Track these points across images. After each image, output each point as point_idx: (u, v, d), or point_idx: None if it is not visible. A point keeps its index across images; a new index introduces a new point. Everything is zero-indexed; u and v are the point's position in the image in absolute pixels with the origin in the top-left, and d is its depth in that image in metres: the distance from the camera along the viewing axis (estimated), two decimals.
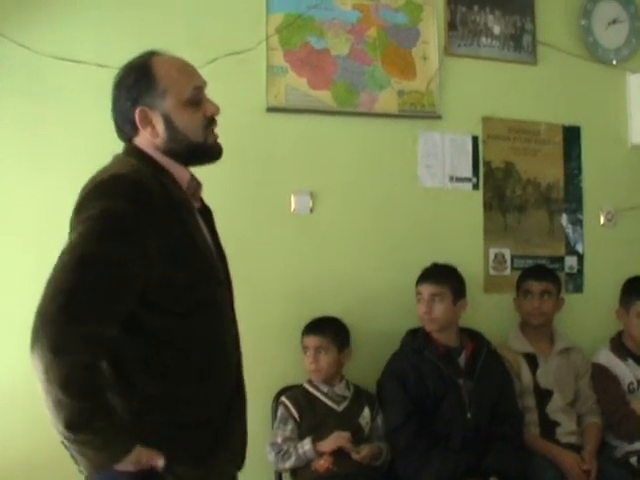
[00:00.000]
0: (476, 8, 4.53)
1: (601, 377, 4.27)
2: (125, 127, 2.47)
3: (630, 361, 4.29)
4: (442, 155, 4.38)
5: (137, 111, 2.40)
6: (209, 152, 2.53)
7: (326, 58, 4.16)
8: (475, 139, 4.48)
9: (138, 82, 2.42)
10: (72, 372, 2.04)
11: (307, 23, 4.14)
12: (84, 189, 2.28)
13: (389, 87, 4.27)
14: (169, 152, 2.44)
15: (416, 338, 3.92)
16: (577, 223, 4.70)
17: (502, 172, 4.53)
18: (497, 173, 4.52)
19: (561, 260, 4.65)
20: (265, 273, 3.98)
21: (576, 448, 4.02)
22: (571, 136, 4.72)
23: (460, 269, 4.01)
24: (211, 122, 2.51)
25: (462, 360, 3.90)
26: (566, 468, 3.88)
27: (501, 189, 4.52)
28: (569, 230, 4.67)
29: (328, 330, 3.85)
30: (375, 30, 4.27)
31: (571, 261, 4.67)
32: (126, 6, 3.88)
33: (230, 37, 3.97)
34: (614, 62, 4.84)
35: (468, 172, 4.45)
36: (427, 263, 4.00)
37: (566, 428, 4.10)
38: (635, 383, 4.25)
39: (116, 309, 2.16)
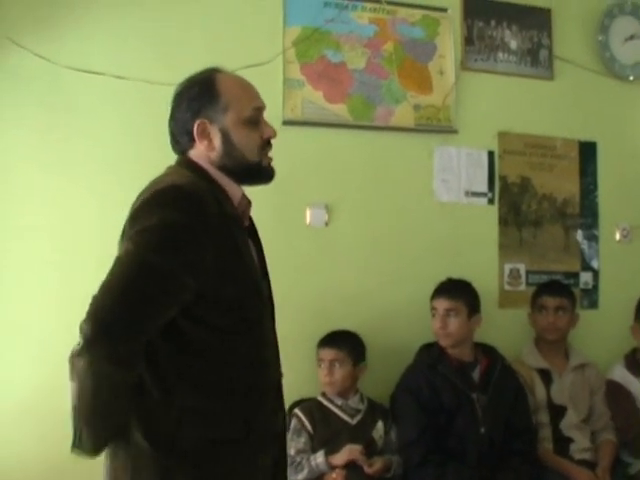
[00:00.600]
0: (493, 23, 4.54)
1: (615, 394, 4.26)
2: (182, 138, 2.48)
3: None
4: (458, 169, 4.38)
5: (197, 123, 2.42)
6: (262, 173, 2.53)
7: (342, 72, 4.17)
8: (491, 154, 4.48)
9: (201, 95, 2.44)
10: (100, 364, 2.09)
11: (324, 36, 4.15)
12: (141, 197, 2.29)
13: (405, 101, 4.27)
14: (223, 168, 2.45)
15: (430, 353, 3.92)
16: (592, 239, 4.69)
17: (518, 187, 4.53)
18: (513, 188, 4.52)
19: (576, 276, 4.64)
20: (280, 286, 3.92)
21: (590, 465, 4.00)
22: (587, 151, 4.71)
23: (475, 284, 4.00)
24: (267, 145, 2.51)
25: (476, 375, 3.89)
26: None
27: (517, 204, 4.52)
28: (584, 246, 4.66)
29: (344, 343, 3.85)
30: (392, 44, 4.27)
31: (586, 277, 4.66)
32: (145, 18, 3.91)
33: (247, 50, 3.97)
34: (631, 78, 4.83)
35: (484, 187, 4.45)
36: (442, 277, 4.00)
37: (580, 444, 4.08)
38: None
39: (164, 320, 2.19)
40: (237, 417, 2.31)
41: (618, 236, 4.74)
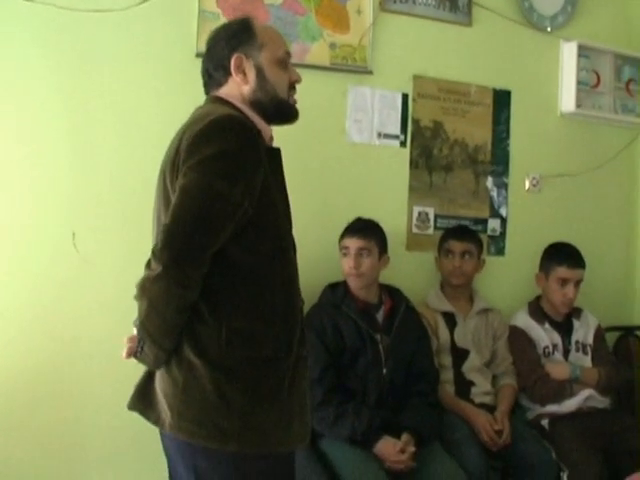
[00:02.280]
0: None
1: (518, 340, 4.33)
2: (217, 73, 2.64)
3: (547, 325, 4.36)
4: (371, 111, 4.36)
5: (234, 57, 2.58)
6: (290, 111, 2.73)
7: (259, 6, 4.09)
8: (405, 96, 4.46)
9: (239, 33, 2.63)
10: (171, 288, 2.28)
11: None
12: (194, 129, 2.39)
13: (321, 39, 4.22)
14: (255, 102, 2.60)
15: (335, 293, 3.93)
16: (502, 186, 4.72)
17: (430, 131, 4.53)
18: (425, 132, 4.51)
19: (484, 222, 4.68)
20: None
21: (490, 408, 4.07)
22: (501, 99, 4.74)
23: (383, 226, 4.01)
24: (292, 87, 2.72)
25: (380, 316, 3.92)
26: (478, 428, 3.93)
27: (428, 148, 4.52)
28: (494, 193, 4.70)
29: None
30: None
31: (494, 224, 4.70)
32: None
33: None
34: (549, 29, 4.85)
35: (396, 129, 4.43)
36: (351, 218, 4.00)
37: (481, 388, 4.16)
38: (551, 347, 4.32)
39: (221, 239, 2.34)
40: (277, 338, 2.47)
41: (527, 185, 4.78)
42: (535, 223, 4.79)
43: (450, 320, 4.22)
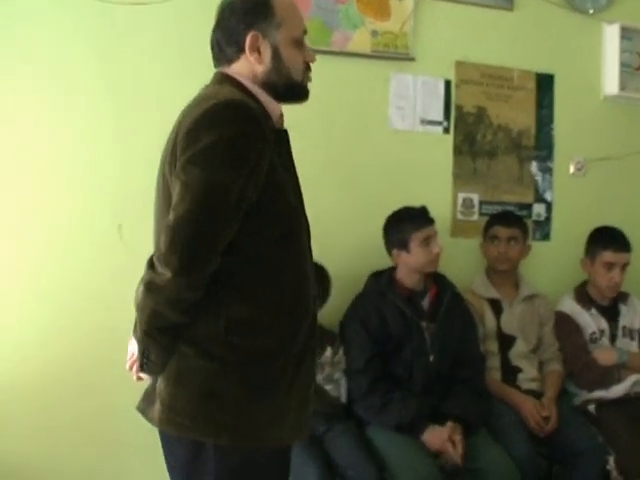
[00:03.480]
0: None
1: (564, 325, 4.31)
2: (228, 49, 2.49)
3: (593, 311, 4.33)
4: (414, 97, 4.35)
5: (250, 35, 2.43)
6: (302, 92, 2.60)
7: None
8: (447, 83, 4.45)
9: (257, 8, 2.45)
10: (181, 293, 2.22)
11: None
12: (192, 115, 2.30)
13: (363, 27, 4.22)
14: (267, 83, 2.48)
15: (380, 280, 3.93)
16: (547, 171, 4.69)
17: (473, 117, 4.51)
18: (468, 118, 4.50)
19: (529, 207, 4.65)
20: None
21: (536, 394, 4.06)
22: (544, 84, 4.70)
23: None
24: (308, 68, 2.58)
25: (426, 303, 3.92)
26: (525, 414, 3.93)
27: (472, 134, 4.50)
28: (538, 178, 4.67)
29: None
30: None
31: (539, 209, 4.67)
32: None
33: None
34: (591, 11, 4.80)
35: (439, 116, 4.43)
36: (394, 205, 3.97)
37: (527, 374, 4.15)
38: (597, 333, 4.29)
39: (230, 234, 2.25)
40: (281, 329, 2.37)
41: (572, 169, 4.75)
42: (580, 207, 4.74)
43: (496, 306, 4.21)
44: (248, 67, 2.46)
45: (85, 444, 3.74)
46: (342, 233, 4.16)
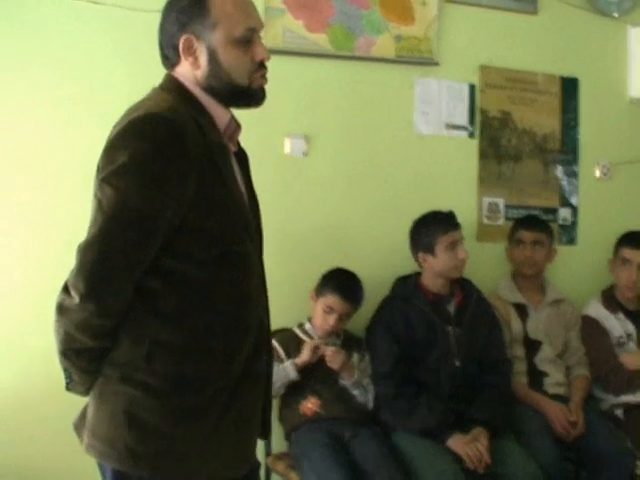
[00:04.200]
0: None
1: (591, 329, 4.29)
2: (168, 52, 2.35)
3: (620, 315, 4.32)
4: (438, 102, 4.35)
5: (183, 38, 2.27)
6: (250, 97, 2.38)
7: (324, 1, 4.10)
8: (472, 87, 4.45)
9: (190, 7, 2.28)
10: (90, 319, 2.08)
11: None
12: (118, 125, 2.17)
13: (386, 32, 4.22)
14: (208, 89, 2.31)
15: (406, 285, 3.93)
16: (572, 175, 4.68)
17: (498, 121, 4.51)
18: (493, 122, 4.50)
19: (555, 211, 4.64)
20: None
21: (563, 399, 4.05)
22: (569, 87, 4.69)
23: None
24: (260, 67, 2.35)
25: (452, 308, 3.91)
26: (552, 419, 3.91)
27: (497, 138, 4.50)
28: (564, 182, 4.66)
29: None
30: None
31: (565, 213, 4.66)
32: None
33: None
34: (615, 14, 4.79)
35: (464, 120, 4.43)
36: (420, 210, 3.97)
37: (554, 379, 4.13)
38: (624, 337, 4.28)
39: (147, 258, 2.12)
40: (212, 354, 2.23)
41: (598, 173, 4.73)
42: (607, 211, 4.73)
43: (522, 311, 4.19)
44: (190, 71, 2.32)
45: None
46: (368, 238, 4.17)
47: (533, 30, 4.60)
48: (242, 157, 2.53)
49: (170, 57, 2.35)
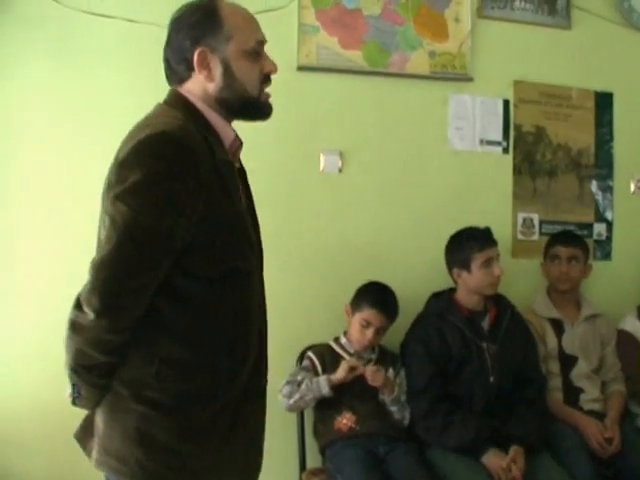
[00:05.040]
0: None
1: (626, 344, 4.26)
2: (179, 67, 2.36)
3: None
4: (473, 118, 4.36)
5: (197, 51, 2.30)
6: (260, 109, 2.44)
7: (358, 18, 4.14)
8: (506, 102, 4.45)
9: (203, 22, 2.33)
10: (103, 335, 2.12)
11: None
12: (128, 143, 2.18)
13: (421, 48, 4.24)
14: (220, 101, 2.35)
15: (440, 301, 3.93)
16: (607, 190, 4.66)
17: (533, 136, 4.50)
18: (527, 137, 4.49)
19: (590, 227, 4.62)
20: (292, 232, 3.99)
21: (599, 415, 4.01)
22: (603, 102, 4.67)
23: None
24: (266, 80, 2.42)
25: (486, 324, 3.90)
26: (588, 435, 3.88)
27: (531, 153, 4.49)
28: (599, 197, 4.64)
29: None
30: None
31: (600, 228, 4.64)
32: None
33: None
34: None
35: (498, 136, 4.42)
36: (456, 226, 3.97)
37: (590, 395, 4.10)
38: None
39: (160, 275, 2.16)
40: (218, 370, 2.28)
41: (633, 188, 4.70)
42: None
43: (557, 326, 4.17)
44: (200, 86, 2.35)
45: None
46: (402, 254, 4.19)
47: (567, 45, 4.59)
48: (242, 173, 2.55)
49: (179, 72, 2.37)
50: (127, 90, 3.77)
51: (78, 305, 2.11)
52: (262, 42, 2.43)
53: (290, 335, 3.87)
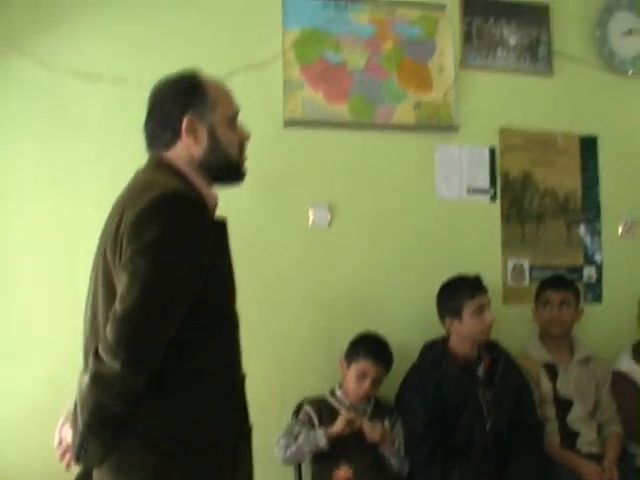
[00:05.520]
0: (492, 20, 4.55)
1: (622, 384, 4.27)
2: (164, 134, 2.51)
3: None
4: (459, 167, 4.40)
5: (187, 118, 2.47)
6: (239, 173, 2.62)
7: (342, 72, 4.19)
8: (492, 150, 4.49)
9: (190, 92, 2.51)
10: (128, 385, 2.21)
11: (323, 37, 4.17)
12: (136, 205, 2.29)
13: (405, 100, 4.29)
14: (204, 165, 2.50)
15: (434, 350, 3.93)
16: (595, 233, 4.69)
17: (520, 183, 4.54)
18: (515, 184, 4.53)
19: (580, 270, 4.65)
20: (283, 286, 4.00)
21: (597, 457, 4.01)
22: (588, 146, 4.72)
23: None
24: (242, 146, 2.61)
25: (480, 371, 3.90)
26: (587, 478, 3.88)
27: (519, 200, 4.53)
28: (587, 240, 4.67)
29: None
30: (391, 44, 4.30)
31: (590, 271, 4.66)
32: (143, 21, 3.94)
33: (247, 51, 4.02)
34: (630, 72, 4.84)
35: (486, 183, 4.46)
36: (446, 275, 3.99)
37: (587, 438, 4.10)
38: None
39: (176, 325, 2.27)
40: (221, 417, 2.40)
41: (620, 230, 4.74)
42: (631, 268, 4.72)
43: (551, 371, 4.17)
44: (185, 150, 2.49)
45: None
46: (394, 304, 4.20)
47: (550, 91, 4.65)
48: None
49: (164, 138, 2.52)
50: (119, 153, 3.78)
51: (98, 357, 2.19)
52: (238, 112, 2.63)
53: (282, 387, 3.94)
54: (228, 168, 2.56)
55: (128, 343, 2.15)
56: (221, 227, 2.51)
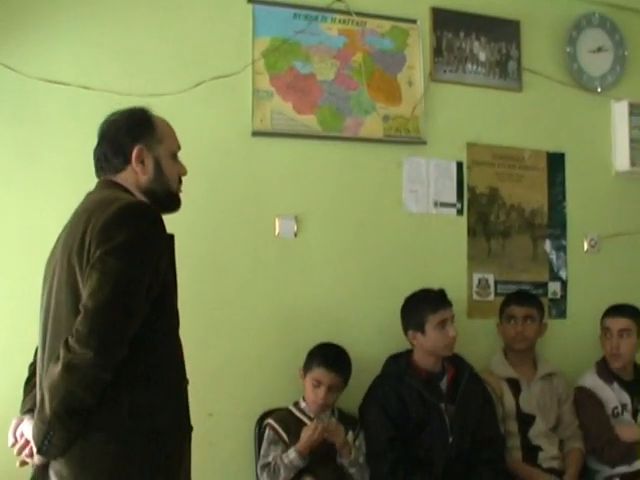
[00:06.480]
0: (462, 34, 4.56)
1: (586, 401, 4.29)
2: (115, 159, 2.76)
3: (615, 385, 4.31)
4: (427, 180, 4.40)
5: (137, 148, 2.74)
6: (175, 202, 2.89)
7: (312, 83, 4.18)
8: (460, 165, 4.50)
9: (141, 124, 2.80)
10: (100, 374, 2.38)
11: (293, 48, 4.15)
12: (103, 214, 2.49)
13: (374, 112, 4.28)
14: (147, 191, 2.76)
15: (398, 364, 3.93)
16: (561, 249, 4.72)
17: (486, 198, 4.56)
18: (481, 199, 4.54)
19: (544, 286, 4.67)
20: (248, 297, 3.98)
21: (558, 473, 4.05)
22: (555, 162, 4.75)
23: None
24: (180, 180, 2.91)
25: (444, 385, 3.91)
26: None
27: (485, 214, 4.55)
28: (553, 256, 4.70)
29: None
30: (361, 55, 4.29)
31: (554, 287, 4.69)
32: (111, 28, 3.86)
33: (216, 60, 3.99)
34: (599, 89, 4.89)
35: (452, 197, 4.46)
36: (410, 287, 4.00)
37: (548, 453, 4.12)
38: (619, 407, 4.27)
39: (140, 321, 2.48)
40: (173, 409, 2.60)
41: (586, 246, 4.77)
42: (596, 284, 4.76)
43: (514, 386, 4.18)
44: (133, 176, 2.76)
45: None
46: (359, 317, 4.19)
47: (519, 107, 4.68)
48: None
49: (115, 164, 2.77)
50: (83, 158, 3.74)
51: (69, 348, 2.34)
52: (179, 149, 2.94)
53: (247, 399, 3.92)
54: (167, 196, 2.82)
55: (100, 333, 2.34)
56: (171, 240, 2.71)
